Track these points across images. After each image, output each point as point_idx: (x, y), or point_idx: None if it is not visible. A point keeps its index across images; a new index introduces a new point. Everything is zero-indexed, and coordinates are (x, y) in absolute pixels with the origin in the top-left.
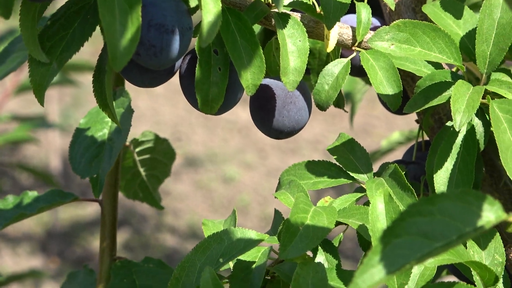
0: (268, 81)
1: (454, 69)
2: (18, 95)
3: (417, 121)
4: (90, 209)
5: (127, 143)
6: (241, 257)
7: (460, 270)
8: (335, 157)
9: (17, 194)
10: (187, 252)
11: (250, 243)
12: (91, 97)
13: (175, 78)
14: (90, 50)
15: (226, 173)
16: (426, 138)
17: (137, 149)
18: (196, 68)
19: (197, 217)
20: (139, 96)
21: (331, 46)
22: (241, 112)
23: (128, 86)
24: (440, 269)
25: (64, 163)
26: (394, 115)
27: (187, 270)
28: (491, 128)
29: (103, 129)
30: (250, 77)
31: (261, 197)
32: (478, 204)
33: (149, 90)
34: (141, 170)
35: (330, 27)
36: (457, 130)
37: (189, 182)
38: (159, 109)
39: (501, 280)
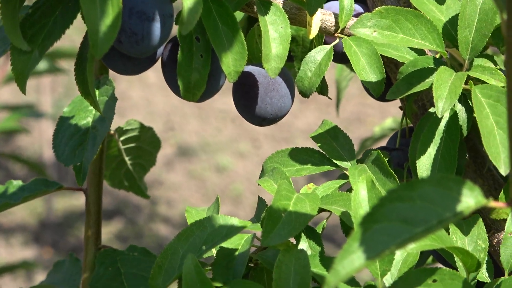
0: (250, 68)
1: (438, 56)
2: (10, 85)
3: (400, 107)
4: (83, 200)
5: (112, 132)
6: (224, 244)
7: (443, 256)
8: (318, 144)
9: None
10: None
11: (232, 230)
12: None
13: None
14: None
15: (219, 163)
16: (411, 125)
17: (122, 138)
18: (178, 55)
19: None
20: (132, 87)
21: (313, 33)
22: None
23: (121, 76)
24: (426, 256)
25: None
26: (388, 103)
27: (169, 258)
28: (474, 114)
29: (87, 118)
30: (232, 64)
31: (254, 186)
32: (458, 190)
33: (142, 80)
34: (126, 159)
35: (312, 14)
36: (439, 116)
37: (182, 172)
38: (152, 99)
39: (484, 266)
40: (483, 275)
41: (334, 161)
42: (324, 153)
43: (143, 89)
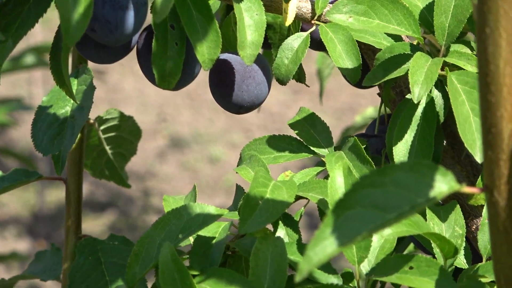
0: (227, 56)
1: (415, 42)
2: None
3: (379, 94)
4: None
5: (92, 121)
6: (201, 233)
7: (421, 243)
8: (296, 131)
9: None
10: None
11: (209, 218)
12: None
13: None
14: None
15: (212, 154)
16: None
17: (102, 127)
18: (153, 44)
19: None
20: (124, 78)
21: (289, 20)
22: None
23: (114, 68)
24: (406, 243)
25: None
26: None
27: (146, 246)
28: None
29: (65, 107)
30: (206, 52)
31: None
32: (431, 175)
33: (134, 72)
34: (107, 148)
35: (288, 0)
36: (415, 102)
37: (175, 164)
38: (144, 90)
39: (462, 252)
40: (461, 261)
41: (312, 148)
42: (302, 140)
43: (136, 81)
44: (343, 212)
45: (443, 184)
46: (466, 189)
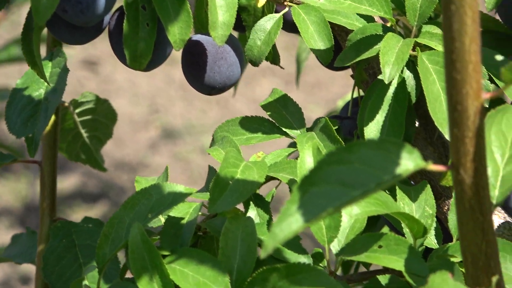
0: (199, 37)
1: (389, 24)
2: None
3: (352, 76)
4: (68, 183)
5: (66, 104)
6: (172, 214)
7: (391, 222)
8: (268, 113)
9: None
10: None
11: (178, 197)
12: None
13: None
14: None
15: (204, 145)
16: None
17: (77, 110)
18: (124, 24)
19: None
20: (116, 70)
21: (261, 1)
22: None
23: (106, 60)
24: (380, 226)
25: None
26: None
27: (116, 227)
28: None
29: (39, 89)
30: (178, 32)
31: None
32: (397, 152)
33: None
34: (82, 131)
35: None
36: (386, 82)
37: (168, 154)
38: (137, 82)
39: (432, 232)
40: (432, 241)
41: (284, 129)
42: (274, 121)
43: (128, 72)
44: (309, 189)
45: (409, 161)
46: (432, 167)
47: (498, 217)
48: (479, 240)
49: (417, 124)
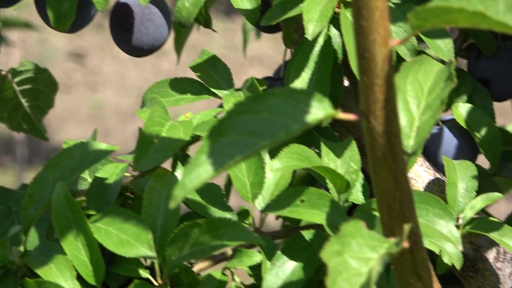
0: (126, 0)
1: None
2: None
3: (282, 37)
4: None
5: (4, 73)
6: (99, 174)
7: (316, 177)
8: (197, 74)
9: None
10: None
11: (101, 154)
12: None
13: None
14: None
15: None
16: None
17: (16, 79)
18: None
19: None
20: (104, 61)
21: None
22: (175, 57)
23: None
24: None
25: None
26: None
27: (39, 187)
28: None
29: None
30: None
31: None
32: (306, 101)
33: (114, 55)
34: (23, 101)
35: None
36: (310, 39)
37: (125, 132)
38: (124, 73)
39: (359, 188)
40: (358, 197)
41: (213, 90)
42: (203, 82)
43: (116, 64)
44: (218, 139)
45: (319, 110)
46: (342, 115)
47: (428, 174)
48: (393, 189)
49: (347, 83)
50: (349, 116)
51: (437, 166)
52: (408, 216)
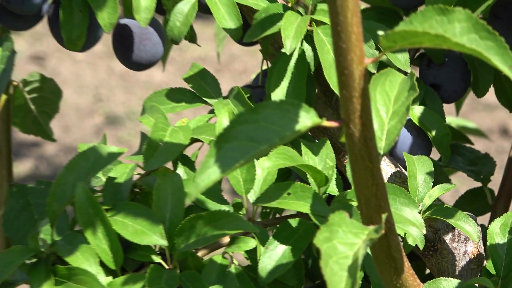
0: (126, 21)
1: (289, 4)
2: None
3: (261, 50)
4: (22, 167)
5: (16, 83)
6: (112, 174)
7: (298, 174)
8: (190, 85)
9: None
10: None
11: (112, 156)
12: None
13: (97, 46)
14: None
15: (143, 129)
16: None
17: (27, 88)
18: (60, 12)
19: None
20: (62, 63)
21: None
22: (156, 72)
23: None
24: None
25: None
26: None
27: (61, 186)
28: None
29: None
30: (107, 17)
31: None
32: (296, 112)
33: (71, 57)
34: (32, 107)
35: None
36: (288, 53)
37: (112, 139)
38: (81, 74)
39: (334, 182)
40: (333, 189)
41: (204, 98)
42: (195, 92)
43: (73, 66)
44: (223, 145)
45: (307, 119)
46: (326, 123)
47: (391, 168)
48: (370, 184)
49: (317, 90)
50: (332, 124)
51: (397, 160)
52: (383, 207)
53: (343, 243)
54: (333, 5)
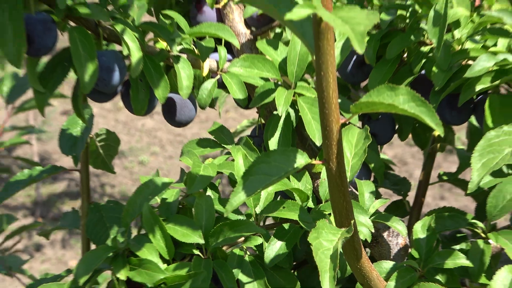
0: (172, 95)
1: (278, 82)
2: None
3: (257, 112)
4: (61, 185)
5: (91, 136)
6: (164, 196)
7: (288, 195)
8: (213, 136)
9: None
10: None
11: (165, 185)
12: (56, 115)
13: (107, 104)
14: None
15: (141, 160)
16: (263, 122)
17: (98, 139)
18: (130, 90)
19: (125, 187)
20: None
21: (205, 72)
22: (148, 121)
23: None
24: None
25: (40, 156)
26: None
27: (132, 206)
28: (300, 114)
29: (77, 127)
30: (161, 92)
31: (162, 172)
32: (294, 155)
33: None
34: (101, 151)
35: (203, 61)
36: (280, 115)
37: (118, 167)
38: (95, 122)
39: (311, 199)
40: (311, 203)
41: (222, 145)
42: (216, 140)
43: (100, 117)
44: (248, 178)
45: (301, 159)
46: (314, 162)
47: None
48: (341, 201)
49: (296, 139)
50: (318, 162)
51: (350, 184)
52: (350, 216)
53: (326, 240)
54: (320, 85)
